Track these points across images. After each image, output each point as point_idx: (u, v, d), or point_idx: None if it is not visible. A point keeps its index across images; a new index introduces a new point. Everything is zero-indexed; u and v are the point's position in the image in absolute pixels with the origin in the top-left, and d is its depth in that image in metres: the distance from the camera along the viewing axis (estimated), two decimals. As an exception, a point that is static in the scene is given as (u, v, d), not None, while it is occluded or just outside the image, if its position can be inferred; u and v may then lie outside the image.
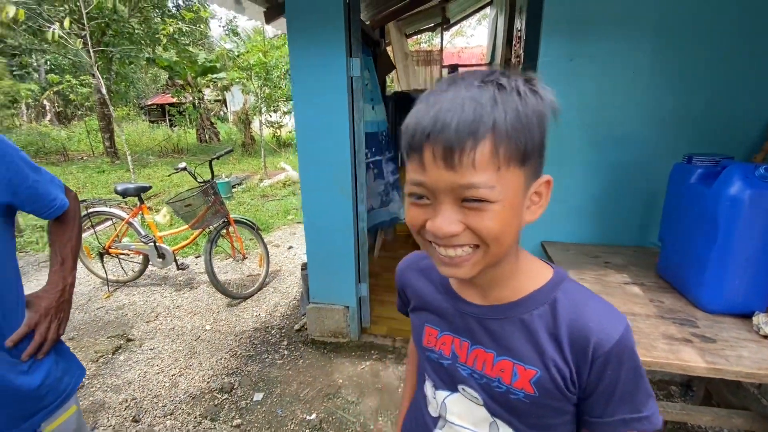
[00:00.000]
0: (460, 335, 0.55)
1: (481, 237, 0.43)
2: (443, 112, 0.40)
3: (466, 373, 0.54)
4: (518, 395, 0.50)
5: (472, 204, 0.42)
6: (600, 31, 1.65)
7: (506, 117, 0.39)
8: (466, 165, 0.40)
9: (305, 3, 1.87)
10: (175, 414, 1.94)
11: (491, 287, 0.52)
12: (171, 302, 3.05)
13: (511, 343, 0.50)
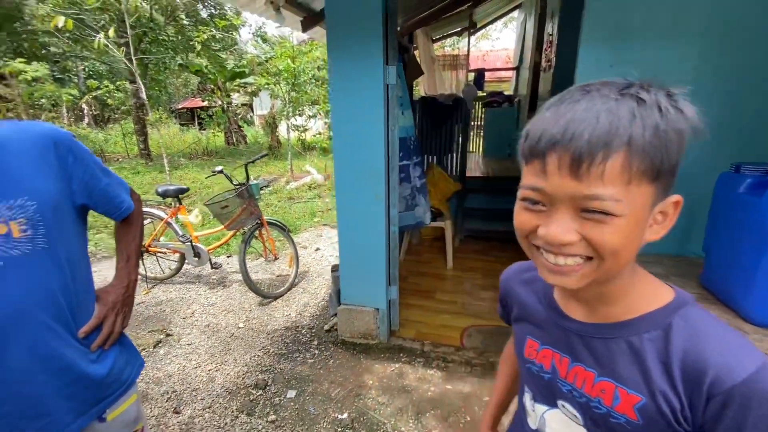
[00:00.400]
0: (560, 350, 0.54)
1: (597, 250, 0.42)
2: (575, 121, 0.40)
3: (566, 389, 0.53)
4: (619, 420, 0.47)
5: (593, 215, 0.41)
6: (643, 38, 1.63)
7: (644, 132, 0.39)
8: (594, 176, 0.39)
9: (345, 12, 1.93)
10: (213, 407, 2.03)
11: (599, 304, 0.50)
12: (205, 300, 3.17)
13: (615, 364, 0.48)
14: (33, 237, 0.78)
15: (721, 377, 0.41)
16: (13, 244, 0.76)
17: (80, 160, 0.90)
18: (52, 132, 0.86)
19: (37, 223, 0.78)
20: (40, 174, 0.81)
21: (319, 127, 11.84)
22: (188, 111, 18.56)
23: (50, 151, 0.83)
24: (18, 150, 0.79)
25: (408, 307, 2.84)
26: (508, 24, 14.86)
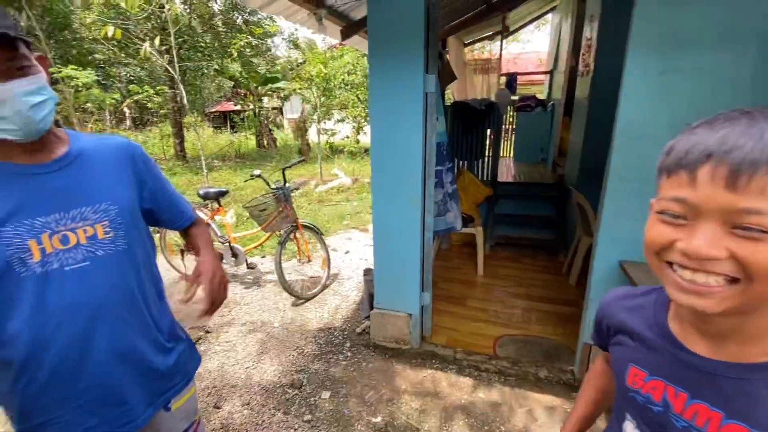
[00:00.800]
0: (675, 384, 0.51)
1: (749, 270, 0.38)
2: (735, 134, 0.39)
3: (681, 425, 0.50)
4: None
5: (749, 233, 0.38)
6: (696, 45, 1.58)
7: None
8: (755, 189, 0.37)
9: (388, 23, 1.97)
10: (251, 404, 2.09)
11: (731, 340, 0.46)
12: (241, 299, 3.28)
13: (752, 409, 0.44)
14: (114, 239, 0.85)
15: None
16: (98, 245, 0.83)
17: (150, 170, 0.97)
18: (128, 145, 0.94)
19: (118, 226, 0.85)
20: (120, 181, 0.88)
21: (347, 130, 12.00)
22: (221, 114, 19.23)
23: (128, 161, 0.91)
24: (102, 160, 0.87)
25: (439, 313, 2.84)
26: (541, 27, 14.58)
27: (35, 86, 0.72)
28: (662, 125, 1.69)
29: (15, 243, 0.73)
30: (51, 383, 0.81)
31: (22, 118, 0.70)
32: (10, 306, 0.76)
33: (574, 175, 3.74)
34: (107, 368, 0.85)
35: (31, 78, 0.72)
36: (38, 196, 0.77)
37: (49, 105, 0.75)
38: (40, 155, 0.78)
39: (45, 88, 0.75)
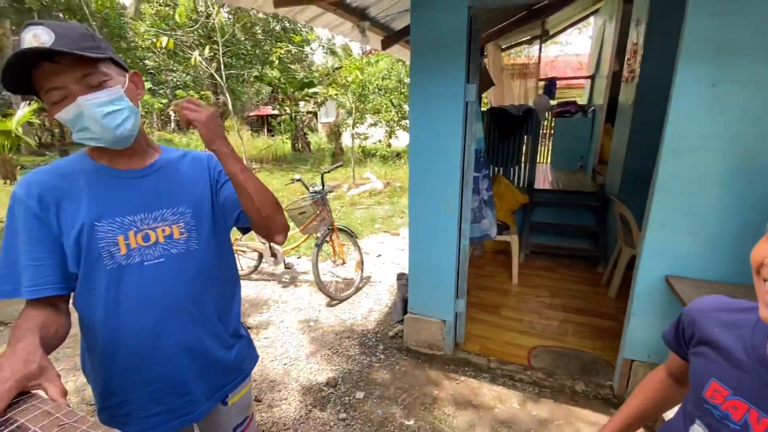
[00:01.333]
0: (760, 409, 0.51)
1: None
2: None
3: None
4: None
5: None
6: (749, 56, 1.52)
7: None
8: None
9: (430, 34, 2.02)
10: (289, 400, 2.19)
11: None
12: (279, 297, 3.42)
13: None
14: (188, 239, 0.94)
15: None
16: (173, 244, 0.92)
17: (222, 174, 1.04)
18: (205, 156, 1.03)
19: (192, 228, 0.94)
20: (196, 187, 0.98)
21: (379, 134, 12.13)
22: (259, 118, 19.94)
23: (205, 170, 1.00)
24: (182, 170, 0.97)
25: (472, 321, 2.83)
26: (582, 30, 14.12)
27: (108, 98, 0.79)
28: (714, 138, 1.63)
29: (107, 237, 0.84)
30: (127, 367, 0.91)
31: (99, 126, 0.79)
32: (95, 295, 0.86)
33: (616, 184, 3.62)
34: (174, 359, 0.94)
35: (105, 91, 0.79)
36: (129, 197, 0.87)
37: (123, 114, 0.82)
38: (135, 161, 0.90)
39: (120, 100, 0.81)
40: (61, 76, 0.74)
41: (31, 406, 0.59)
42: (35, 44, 0.71)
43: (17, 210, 0.80)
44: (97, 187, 0.85)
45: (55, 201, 0.81)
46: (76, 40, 0.74)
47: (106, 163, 0.87)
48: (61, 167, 0.86)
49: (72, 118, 0.78)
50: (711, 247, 1.74)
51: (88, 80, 0.77)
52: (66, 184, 0.83)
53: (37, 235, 0.80)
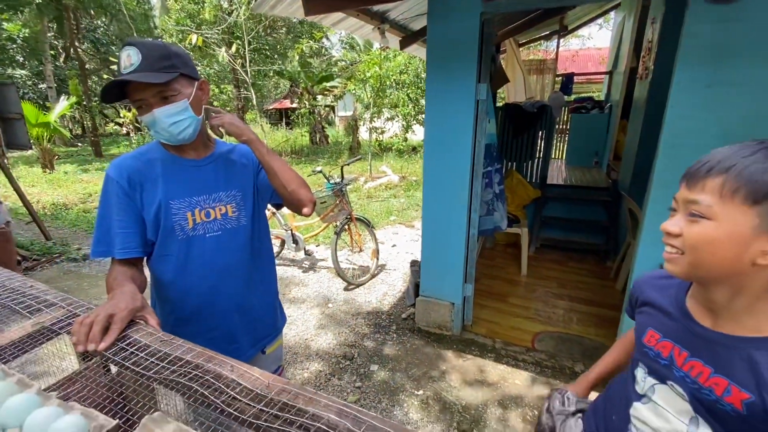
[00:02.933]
0: (680, 345, 0.66)
1: (684, 242, 0.57)
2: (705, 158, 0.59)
3: (679, 375, 0.66)
4: (725, 408, 0.58)
5: (692, 217, 0.56)
6: (745, 59, 1.63)
7: (748, 166, 0.53)
8: (699, 187, 0.57)
9: (445, 37, 2.18)
10: (310, 369, 2.42)
11: (726, 317, 0.61)
12: (299, 281, 3.66)
13: (733, 368, 0.58)
14: (239, 216, 1.15)
15: None
16: (228, 220, 1.13)
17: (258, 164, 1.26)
18: (246, 147, 1.24)
19: (241, 207, 1.15)
20: (243, 173, 1.18)
21: (396, 128, 12.26)
22: (278, 111, 20.31)
23: (249, 159, 1.21)
24: (234, 160, 1.18)
25: (480, 307, 3.00)
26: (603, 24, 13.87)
27: (175, 110, 0.99)
28: (709, 135, 1.75)
29: (179, 213, 1.05)
30: (191, 319, 1.13)
31: (167, 132, 1.01)
32: (169, 259, 1.08)
33: (627, 180, 3.70)
34: (227, 313, 1.16)
35: (172, 105, 0.99)
36: (195, 181, 1.08)
37: (185, 123, 1.02)
38: (199, 152, 1.11)
39: (184, 111, 1.01)
40: (143, 91, 0.96)
41: (139, 328, 0.81)
42: (128, 64, 0.93)
43: (111, 188, 1.02)
44: (170, 173, 1.06)
45: (140, 182, 1.03)
46: (157, 61, 0.95)
47: (176, 153, 1.08)
48: (142, 154, 1.08)
49: (149, 122, 1.00)
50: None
51: (161, 94, 0.98)
52: (147, 168, 1.05)
53: (126, 208, 1.02)
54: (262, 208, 1.25)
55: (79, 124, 20.22)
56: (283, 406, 0.62)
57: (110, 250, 1.01)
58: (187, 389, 0.65)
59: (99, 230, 1.03)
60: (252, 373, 0.69)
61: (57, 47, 15.95)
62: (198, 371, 0.69)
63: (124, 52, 0.94)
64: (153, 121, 0.99)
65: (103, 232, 1.02)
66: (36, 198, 6.80)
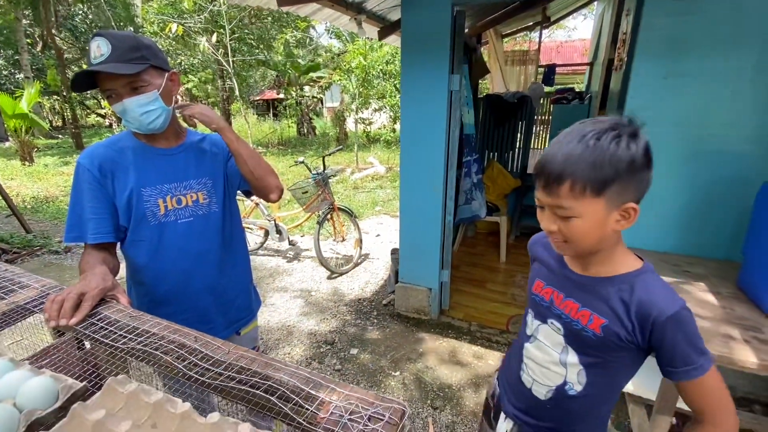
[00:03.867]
0: (558, 289, 0.82)
1: (566, 236, 0.71)
2: (548, 156, 0.68)
3: (556, 313, 0.81)
4: (588, 333, 0.75)
5: (562, 217, 0.69)
6: (699, 50, 1.72)
7: (585, 167, 0.64)
8: (555, 194, 0.67)
9: (418, 28, 2.23)
10: (291, 354, 2.49)
11: (591, 265, 0.77)
12: (283, 270, 3.71)
13: (594, 301, 0.75)
14: (210, 203, 1.20)
15: (659, 315, 0.67)
16: (199, 207, 1.18)
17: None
18: (220, 137, 1.28)
19: (212, 194, 1.20)
20: (214, 162, 1.23)
21: (383, 120, 12.25)
22: (264, 102, 20.06)
23: (219, 148, 1.25)
24: (205, 148, 1.22)
25: (459, 293, 3.10)
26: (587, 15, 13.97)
27: (146, 101, 1.03)
28: (667, 124, 1.85)
29: (150, 200, 1.10)
30: (165, 301, 1.18)
31: (137, 121, 1.05)
32: (142, 245, 1.13)
33: (602, 169, 3.81)
34: (201, 296, 1.21)
35: (143, 96, 1.03)
36: (165, 169, 1.13)
37: (156, 113, 1.06)
38: (170, 141, 1.15)
39: (154, 102, 1.05)
40: (112, 82, 1.00)
41: (109, 306, 0.86)
42: (98, 54, 0.96)
43: (82, 175, 1.06)
44: (142, 161, 1.10)
45: (111, 170, 1.07)
46: (126, 52, 0.98)
47: (147, 142, 1.12)
48: (114, 143, 1.11)
49: (120, 111, 1.04)
50: (662, 221, 1.97)
51: (131, 85, 1.02)
52: (118, 156, 1.08)
53: (98, 194, 1.06)
54: (232, 195, 1.30)
55: (59, 115, 19.71)
56: (240, 369, 0.69)
57: (83, 236, 1.05)
58: (152, 357, 0.71)
59: (71, 216, 1.07)
60: (214, 342, 0.76)
61: (33, 36, 15.44)
62: (163, 341, 0.75)
63: (93, 43, 0.97)
64: (123, 111, 1.03)
65: (76, 218, 1.06)
66: (15, 191, 6.68)
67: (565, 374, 0.80)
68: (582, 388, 0.79)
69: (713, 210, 1.87)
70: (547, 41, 14.27)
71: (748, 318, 1.34)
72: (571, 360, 0.79)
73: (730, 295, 1.50)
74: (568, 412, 0.83)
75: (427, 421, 1.97)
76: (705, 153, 1.83)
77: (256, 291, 1.48)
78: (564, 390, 0.81)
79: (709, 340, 1.21)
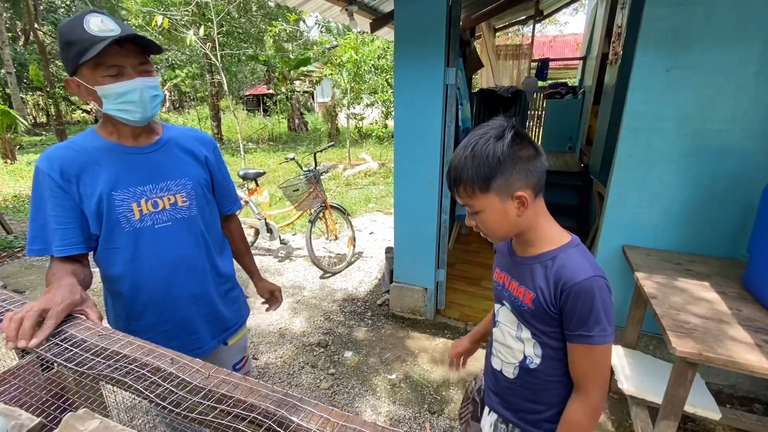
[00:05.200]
0: (508, 273, 0.91)
1: (480, 229, 0.82)
2: (451, 165, 0.80)
3: (507, 294, 0.90)
4: (524, 307, 0.84)
5: (474, 214, 0.81)
6: (702, 42, 1.66)
7: (468, 172, 0.75)
8: (458, 195, 0.80)
9: (412, 20, 2.14)
10: (284, 358, 2.41)
11: (525, 247, 0.86)
12: (275, 270, 3.62)
13: (526, 278, 0.84)
14: (189, 206, 1.11)
15: (566, 282, 0.75)
16: (178, 210, 1.09)
17: (217, 158, 1.22)
18: (205, 136, 1.20)
19: (192, 197, 1.11)
20: (195, 163, 1.14)
21: (375, 115, 12.12)
22: (255, 98, 19.77)
23: (202, 148, 1.16)
24: (184, 146, 1.13)
25: (454, 291, 3.05)
26: (579, 9, 13.95)
27: (155, 83, 0.99)
28: (668, 119, 1.79)
29: (123, 205, 1.01)
30: (145, 311, 1.09)
31: (144, 104, 0.96)
32: (116, 253, 1.04)
33: (598, 164, 3.78)
34: (183, 304, 1.13)
35: (153, 78, 0.99)
36: (138, 170, 1.03)
37: (159, 98, 1.01)
38: (143, 139, 1.05)
39: (159, 87, 1.01)
40: (125, 58, 0.92)
41: (77, 323, 0.78)
42: (105, 29, 0.88)
43: (42, 181, 0.95)
44: (111, 162, 1.00)
45: (75, 173, 0.97)
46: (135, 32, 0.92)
47: (115, 141, 1.02)
48: (76, 144, 1.01)
49: (125, 91, 0.94)
50: (663, 219, 1.92)
51: (142, 67, 0.96)
52: (82, 158, 0.98)
53: (61, 202, 0.96)
54: (212, 200, 1.22)
55: (43, 111, 19.19)
56: (221, 397, 0.61)
57: (48, 248, 0.96)
58: (121, 385, 0.63)
59: (33, 227, 0.98)
60: (193, 365, 0.68)
61: (15, 30, 14.97)
62: (135, 365, 0.67)
63: (93, 17, 0.89)
64: (132, 90, 0.94)
65: (39, 228, 0.97)
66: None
67: (523, 349, 0.88)
68: (540, 361, 0.85)
69: (715, 207, 1.83)
70: (539, 36, 14.23)
71: (757, 319, 1.30)
72: (525, 335, 0.87)
73: (736, 296, 1.46)
74: (536, 387, 0.88)
75: (424, 426, 1.91)
76: (707, 148, 1.78)
77: (244, 298, 1.40)
78: (526, 365, 0.88)
79: (721, 344, 1.16)
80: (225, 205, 1.29)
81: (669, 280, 1.59)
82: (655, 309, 1.38)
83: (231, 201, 1.30)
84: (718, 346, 1.16)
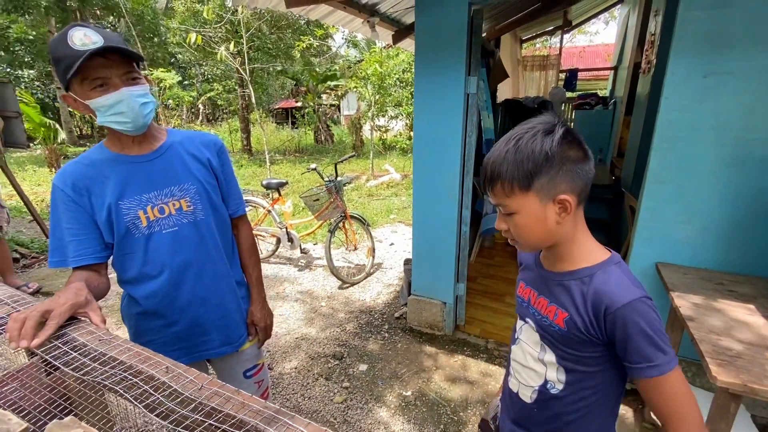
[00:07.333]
0: (534, 288, 0.83)
1: (513, 234, 0.74)
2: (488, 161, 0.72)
3: (532, 311, 0.82)
4: (555, 328, 0.75)
5: (507, 215, 0.72)
6: (741, 47, 1.55)
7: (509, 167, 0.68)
8: (494, 194, 0.72)
9: (433, 29, 2.13)
10: (298, 369, 2.39)
11: (556, 261, 0.78)
12: (294, 279, 3.63)
13: (560, 296, 0.76)
14: (195, 210, 1.11)
15: (610, 305, 0.66)
16: (184, 215, 1.09)
17: (224, 161, 1.23)
18: (213, 139, 1.21)
19: (197, 201, 1.11)
20: (199, 166, 1.14)
21: (400, 127, 12.18)
22: (283, 111, 20.34)
23: (209, 151, 1.17)
24: (188, 150, 1.13)
25: (475, 306, 2.94)
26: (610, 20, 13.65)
27: (143, 92, 1.00)
28: (706, 128, 1.68)
29: (130, 213, 1.02)
30: (155, 314, 1.10)
31: (134, 113, 0.98)
32: (129, 258, 1.06)
33: (629, 177, 3.61)
34: (191, 308, 1.13)
35: (141, 86, 1.00)
36: (142, 178, 1.05)
37: (150, 106, 1.02)
38: (145, 147, 1.07)
39: (149, 95, 1.02)
40: (109, 69, 0.93)
41: (79, 326, 0.78)
42: (87, 42, 0.89)
43: (57, 196, 1.00)
44: (117, 173, 1.03)
45: (86, 187, 1.00)
46: (120, 43, 0.93)
47: (119, 152, 1.04)
48: (86, 158, 1.04)
49: (112, 103, 0.95)
50: (701, 234, 1.78)
51: (128, 76, 0.97)
52: (92, 172, 1.01)
53: (75, 215, 0.99)
54: (220, 204, 1.21)
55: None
56: (211, 411, 0.58)
57: (65, 260, 1.00)
58: (114, 392, 0.62)
59: (52, 240, 1.02)
60: (187, 375, 0.66)
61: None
62: (129, 373, 0.65)
63: (76, 32, 0.89)
64: (119, 101, 0.95)
65: (56, 241, 1.01)
66: (41, 197, 6.88)
67: (545, 372, 0.80)
68: (563, 387, 0.78)
69: (761, 222, 1.68)
70: (568, 46, 13.98)
71: (812, 349, 1.16)
72: (548, 358, 0.79)
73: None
74: (556, 415, 0.81)
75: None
76: (750, 159, 1.65)
77: None
78: (546, 390, 0.80)
79: (763, 373, 1.04)
80: (228, 206, 1.26)
81: (708, 301, 1.46)
82: (692, 333, 1.26)
83: (233, 203, 1.27)
84: (765, 376, 1.04)
